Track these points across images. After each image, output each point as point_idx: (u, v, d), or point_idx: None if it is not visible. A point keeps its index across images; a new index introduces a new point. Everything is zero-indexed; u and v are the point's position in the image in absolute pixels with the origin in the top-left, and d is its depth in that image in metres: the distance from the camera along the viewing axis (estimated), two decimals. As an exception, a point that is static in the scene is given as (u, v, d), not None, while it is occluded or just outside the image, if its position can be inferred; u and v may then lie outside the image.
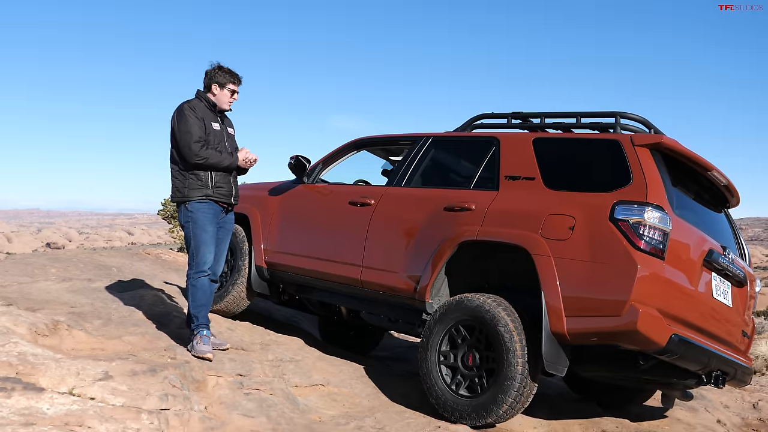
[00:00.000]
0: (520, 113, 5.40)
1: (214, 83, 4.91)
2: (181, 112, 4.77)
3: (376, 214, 5.38)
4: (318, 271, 5.64)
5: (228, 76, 4.93)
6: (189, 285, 4.80)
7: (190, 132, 4.71)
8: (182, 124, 4.73)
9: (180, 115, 4.76)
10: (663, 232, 4.20)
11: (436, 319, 4.75)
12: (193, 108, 4.81)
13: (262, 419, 4.08)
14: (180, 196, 4.80)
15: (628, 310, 4.04)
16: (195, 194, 4.78)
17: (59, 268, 8.38)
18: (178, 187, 4.81)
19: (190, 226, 4.77)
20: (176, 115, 4.79)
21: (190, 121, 4.73)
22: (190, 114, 4.76)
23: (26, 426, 3.08)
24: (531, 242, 4.46)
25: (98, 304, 5.52)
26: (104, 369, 3.81)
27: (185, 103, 4.85)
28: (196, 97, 4.95)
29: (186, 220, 4.81)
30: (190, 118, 4.74)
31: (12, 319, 4.35)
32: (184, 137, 4.71)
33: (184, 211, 4.81)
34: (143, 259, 10.73)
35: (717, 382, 4.64)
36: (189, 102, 4.87)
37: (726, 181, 5.02)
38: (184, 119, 4.74)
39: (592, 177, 4.67)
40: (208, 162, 4.75)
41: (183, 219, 4.85)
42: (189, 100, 4.92)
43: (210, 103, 4.92)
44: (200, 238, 4.78)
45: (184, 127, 4.72)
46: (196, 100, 4.92)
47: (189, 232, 4.80)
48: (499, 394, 4.33)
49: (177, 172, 4.83)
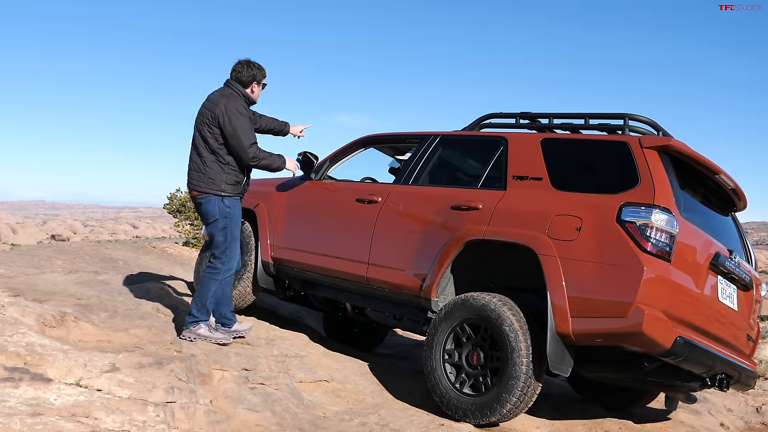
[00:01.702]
0: (528, 113, 5.41)
1: (254, 81, 4.98)
2: (235, 112, 4.78)
3: (383, 211, 5.39)
4: (324, 267, 5.65)
5: (264, 72, 5.03)
6: (211, 277, 4.83)
7: (246, 133, 4.77)
8: (238, 123, 4.76)
9: (234, 115, 4.77)
10: (670, 235, 4.20)
11: (441, 317, 4.76)
12: (243, 106, 4.86)
13: (266, 414, 4.10)
14: (215, 188, 4.79)
15: (634, 311, 4.05)
16: (231, 190, 4.83)
17: (65, 260, 8.43)
18: (214, 179, 4.78)
19: (227, 221, 4.79)
20: (229, 114, 4.76)
21: (244, 121, 4.79)
22: (244, 113, 4.82)
23: (33, 416, 3.10)
24: (537, 242, 4.46)
25: (105, 297, 5.55)
26: (111, 361, 3.84)
27: (235, 102, 4.85)
28: (232, 89, 4.94)
29: (223, 215, 4.80)
30: (244, 118, 4.80)
31: (20, 309, 4.38)
32: (241, 138, 4.75)
33: (220, 204, 4.79)
34: (149, 253, 10.78)
35: (721, 385, 4.64)
36: (235, 100, 4.87)
37: (733, 185, 5.02)
38: (239, 119, 4.77)
39: (600, 178, 4.67)
40: (261, 163, 4.86)
41: (218, 212, 4.80)
42: (229, 94, 4.90)
43: (247, 98, 4.98)
44: (235, 234, 4.85)
45: (240, 128, 4.75)
46: (238, 96, 4.92)
47: (223, 225, 4.79)
48: (503, 393, 4.34)
49: (214, 162, 4.79)
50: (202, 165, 4.82)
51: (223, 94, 4.92)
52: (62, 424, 3.11)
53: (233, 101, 4.85)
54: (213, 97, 4.92)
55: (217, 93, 4.96)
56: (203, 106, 4.95)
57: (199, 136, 4.87)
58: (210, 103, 4.89)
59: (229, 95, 4.90)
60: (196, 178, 4.85)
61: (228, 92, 4.93)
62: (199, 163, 4.83)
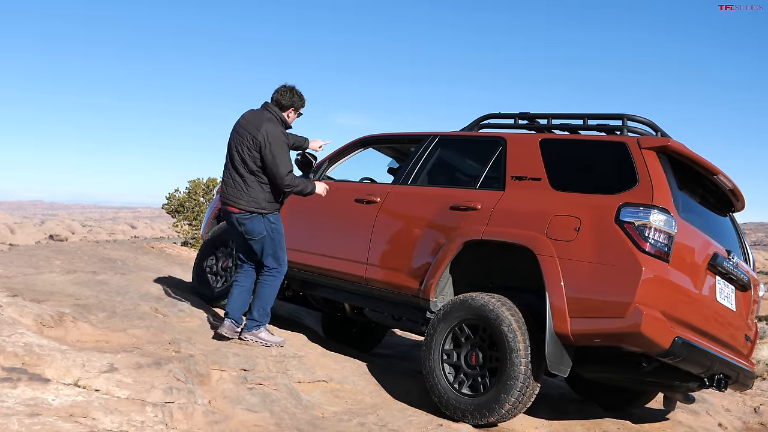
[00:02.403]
0: (527, 114, 5.41)
1: (293, 107, 5.21)
2: (276, 141, 4.97)
3: (381, 211, 5.39)
4: (323, 267, 5.66)
5: (304, 102, 5.28)
6: (271, 283, 5.18)
7: (285, 163, 5.01)
8: (278, 152, 4.97)
9: (276, 145, 4.96)
10: (668, 235, 4.21)
11: (439, 317, 4.76)
12: (280, 132, 5.05)
13: (265, 414, 4.10)
14: (257, 207, 5.05)
15: (632, 312, 4.05)
16: (272, 207, 5.12)
17: (64, 260, 8.42)
18: (257, 199, 5.04)
19: (274, 234, 5.12)
20: (271, 142, 4.95)
21: (284, 151, 5.02)
22: (284, 141, 5.04)
23: (31, 416, 3.09)
24: (536, 243, 4.47)
25: (103, 297, 5.54)
26: (109, 361, 3.83)
27: (275, 128, 5.02)
28: (271, 113, 5.13)
29: (270, 230, 5.11)
30: (283, 145, 5.01)
31: (18, 310, 4.37)
32: (280, 166, 4.97)
33: (266, 222, 5.08)
34: (147, 253, 10.77)
35: (719, 385, 4.65)
36: (275, 125, 5.05)
37: (732, 186, 5.03)
38: (280, 149, 4.97)
39: (599, 179, 4.68)
40: (294, 190, 5.11)
41: (264, 229, 5.08)
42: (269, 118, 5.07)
43: (284, 122, 5.18)
44: (283, 244, 5.19)
45: (281, 157, 4.97)
46: (278, 122, 5.11)
47: (270, 239, 5.11)
48: (502, 393, 4.34)
49: (255, 183, 5.03)
50: (243, 184, 5.04)
51: (264, 118, 5.07)
52: (60, 424, 3.10)
53: (274, 127, 5.03)
54: (254, 120, 5.06)
55: (257, 116, 5.10)
56: (242, 126, 5.09)
57: (238, 157, 5.04)
58: (251, 126, 5.03)
59: (269, 120, 5.07)
60: (237, 196, 5.05)
61: (268, 116, 5.10)
62: (240, 182, 5.04)
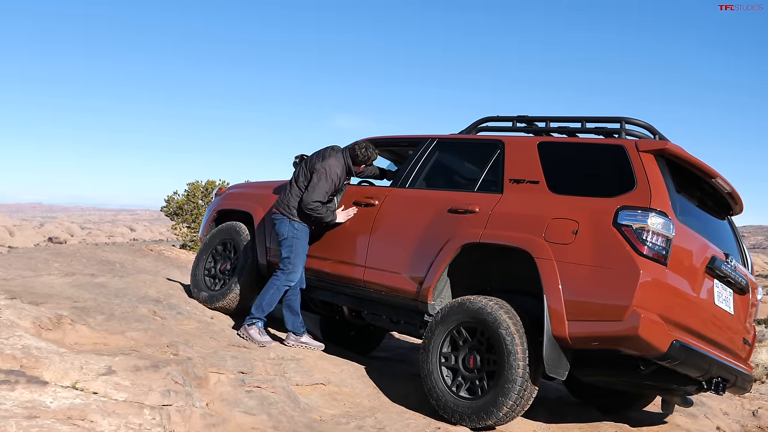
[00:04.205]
0: (525, 117, 5.42)
1: (365, 163, 5.66)
2: (326, 171, 5.48)
3: (379, 214, 5.40)
4: (321, 270, 5.66)
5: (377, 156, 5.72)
6: (272, 283, 5.51)
7: (321, 191, 5.45)
8: (321, 181, 5.47)
9: (324, 173, 5.48)
10: (666, 238, 4.21)
11: (437, 320, 4.76)
12: (337, 173, 5.53)
13: (263, 417, 4.09)
14: (288, 211, 5.56)
15: (630, 315, 4.05)
16: (298, 216, 5.53)
17: (62, 263, 8.42)
18: (290, 204, 5.56)
19: (294, 240, 5.52)
20: (323, 171, 5.48)
21: (327, 183, 5.47)
22: (331, 177, 5.49)
23: (29, 419, 3.09)
24: (534, 246, 4.47)
25: (101, 299, 5.54)
26: (107, 364, 3.83)
27: (335, 165, 5.52)
28: (343, 156, 5.60)
29: (292, 235, 5.53)
30: (329, 181, 5.48)
31: (16, 312, 4.37)
32: (316, 192, 5.44)
33: (290, 226, 5.54)
34: (146, 256, 10.77)
35: (717, 388, 4.64)
36: (336, 166, 5.52)
37: (730, 189, 5.03)
38: (325, 178, 5.47)
39: (596, 182, 4.68)
40: (314, 215, 5.47)
41: (287, 232, 5.54)
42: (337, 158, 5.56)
43: (349, 170, 5.65)
44: (299, 252, 5.53)
45: (321, 186, 5.45)
46: (342, 161, 5.58)
47: (290, 243, 5.51)
48: (500, 396, 4.34)
49: (296, 193, 5.57)
50: (288, 193, 5.62)
51: (333, 155, 5.58)
52: (58, 427, 3.10)
53: (334, 164, 5.52)
54: (325, 154, 5.62)
55: (331, 153, 5.61)
56: (316, 153, 5.69)
57: (297, 173, 5.66)
58: (320, 156, 5.60)
59: (336, 158, 5.57)
60: (280, 201, 5.66)
61: (338, 156, 5.59)
62: (288, 191, 5.63)
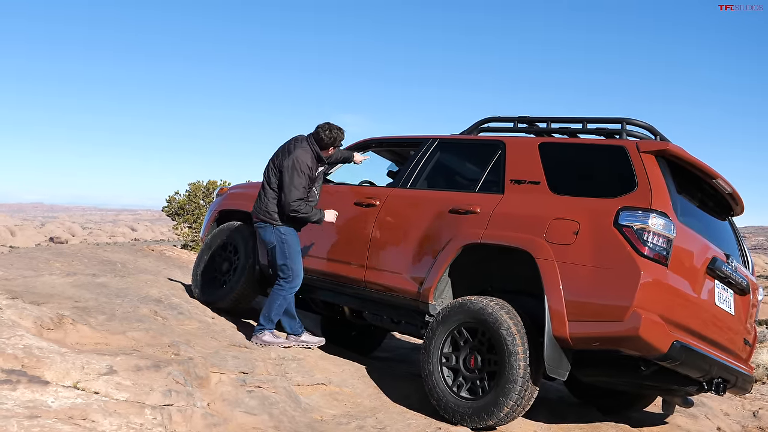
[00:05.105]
0: (526, 117, 5.43)
1: (333, 145, 5.43)
2: (296, 167, 5.24)
3: (381, 215, 5.40)
4: (322, 270, 5.66)
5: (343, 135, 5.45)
6: (277, 293, 5.37)
7: (297, 188, 5.23)
8: (294, 176, 5.24)
9: (295, 169, 5.24)
10: (667, 239, 4.21)
11: (438, 321, 4.77)
12: (308, 164, 5.28)
13: (264, 417, 4.10)
14: (269, 217, 5.36)
15: (631, 315, 4.06)
16: (281, 220, 5.35)
17: (63, 263, 8.43)
18: (269, 210, 5.36)
19: (284, 246, 5.34)
20: (292, 165, 5.24)
21: (300, 177, 5.25)
22: (303, 170, 5.26)
23: (30, 418, 3.09)
24: (535, 246, 4.47)
25: (102, 299, 5.54)
26: (108, 364, 3.83)
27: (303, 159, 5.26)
28: (308, 144, 5.38)
29: (280, 241, 5.36)
30: (303, 176, 5.26)
31: (17, 312, 4.37)
32: (292, 191, 5.22)
33: (275, 232, 5.35)
34: (147, 255, 10.78)
35: (718, 389, 4.64)
36: (304, 156, 5.28)
37: (730, 189, 5.03)
38: (297, 173, 5.24)
39: (597, 182, 4.69)
40: (299, 215, 5.28)
41: (274, 239, 5.36)
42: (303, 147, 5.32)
43: (318, 157, 5.41)
44: (293, 255, 5.36)
45: (295, 182, 5.23)
46: (309, 150, 5.35)
47: (280, 249, 5.34)
48: (501, 396, 4.35)
49: (272, 196, 5.37)
50: (264, 197, 5.41)
51: (299, 146, 5.35)
52: (59, 426, 3.11)
53: (302, 155, 5.28)
54: (290, 147, 5.39)
55: (296, 144, 5.39)
56: (281, 148, 5.46)
57: (268, 174, 5.43)
58: (286, 151, 5.38)
59: (303, 148, 5.34)
60: (257, 207, 5.45)
61: (303, 146, 5.36)
62: (263, 195, 5.42)
